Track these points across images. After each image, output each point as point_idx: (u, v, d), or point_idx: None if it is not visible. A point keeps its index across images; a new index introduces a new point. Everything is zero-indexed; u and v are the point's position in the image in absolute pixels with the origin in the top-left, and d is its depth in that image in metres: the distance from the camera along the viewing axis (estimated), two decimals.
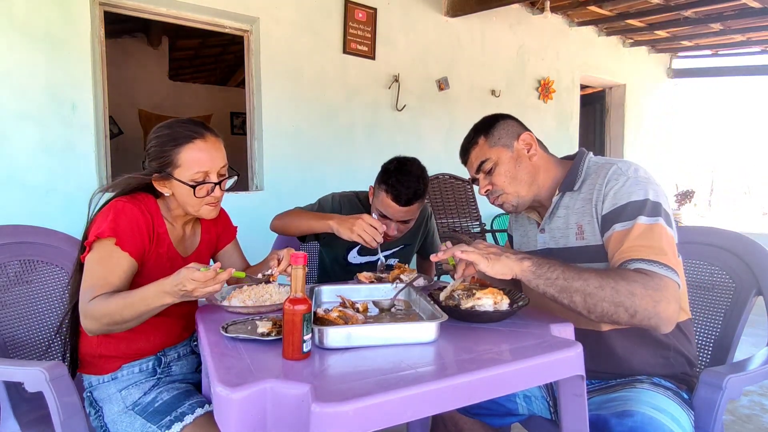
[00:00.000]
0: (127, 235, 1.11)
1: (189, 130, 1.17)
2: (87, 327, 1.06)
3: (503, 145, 1.25)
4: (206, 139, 1.18)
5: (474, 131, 1.31)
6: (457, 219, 4.00)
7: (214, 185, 1.19)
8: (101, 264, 1.08)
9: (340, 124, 3.65)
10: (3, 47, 2.43)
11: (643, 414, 0.94)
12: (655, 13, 4.69)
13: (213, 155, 1.18)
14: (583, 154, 1.25)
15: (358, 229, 1.43)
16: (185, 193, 1.17)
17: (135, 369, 1.17)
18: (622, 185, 1.09)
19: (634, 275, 0.96)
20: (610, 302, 0.94)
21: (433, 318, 0.96)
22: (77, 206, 2.62)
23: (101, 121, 2.78)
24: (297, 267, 0.85)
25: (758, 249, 1.30)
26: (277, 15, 3.29)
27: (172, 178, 1.16)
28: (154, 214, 1.20)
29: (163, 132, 1.18)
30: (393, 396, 0.69)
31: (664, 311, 0.94)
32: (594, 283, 0.95)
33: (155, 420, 1.05)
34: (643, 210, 1.04)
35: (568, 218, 1.20)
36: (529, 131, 1.28)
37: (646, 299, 0.93)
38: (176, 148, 1.15)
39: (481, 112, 1.36)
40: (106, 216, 1.11)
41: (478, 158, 1.28)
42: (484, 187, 1.28)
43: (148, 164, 1.19)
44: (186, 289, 0.96)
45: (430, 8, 4.08)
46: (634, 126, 6.10)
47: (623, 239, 1.04)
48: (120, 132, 5.78)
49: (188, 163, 1.15)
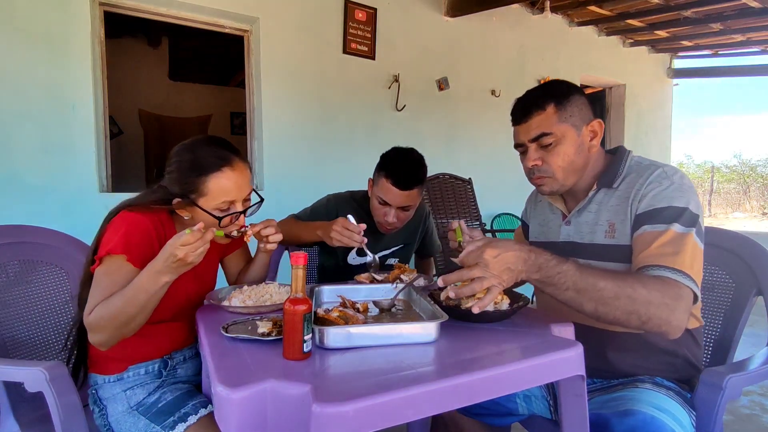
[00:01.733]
0: (138, 250, 1.07)
1: (216, 156, 1.11)
2: (97, 341, 1.04)
3: (572, 125, 1.13)
4: (234, 168, 1.12)
5: (543, 93, 1.15)
6: (457, 219, 4.00)
7: (239, 214, 1.14)
8: (109, 278, 1.04)
9: (340, 124, 3.65)
10: (3, 47, 2.43)
11: (645, 413, 0.93)
12: (655, 13, 4.69)
13: (241, 184, 1.13)
14: (624, 151, 1.20)
15: (334, 234, 1.43)
16: (209, 222, 1.11)
17: (141, 371, 1.17)
18: (664, 188, 1.06)
19: (653, 283, 0.94)
20: (624, 311, 0.92)
21: (434, 318, 0.96)
22: (77, 206, 2.62)
23: (101, 121, 2.78)
24: (297, 267, 0.85)
25: (758, 249, 1.29)
26: (277, 15, 3.29)
27: (196, 206, 1.11)
28: (167, 226, 1.16)
29: (187, 157, 1.12)
30: (393, 396, 0.69)
31: (676, 320, 0.93)
32: (609, 293, 0.92)
33: (159, 420, 1.05)
34: (680, 218, 1.02)
35: (600, 214, 1.17)
36: (599, 119, 1.16)
37: (662, 308, 0.92)
38: (202, 176, 1.09)
39: (481, 112, 1.35)
40: (117, 229, 1.07)
41: (540, 127, 1.13)
42: (533, 160, 1.16)
43: (168, 185, 1.13)
44: (179, 257, 0.94)
45: (430, 8, 4.08)
46: (634, 126, 6.10)
47: (652, 241, 1.01)
48: (120, 132, 5.78)
49: (215, 193, 1.10)
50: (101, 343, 1.05)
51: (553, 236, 1.29)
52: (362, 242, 1.43)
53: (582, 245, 1.20)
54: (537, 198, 1.42)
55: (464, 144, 4.37)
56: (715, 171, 15.39)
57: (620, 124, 6.01)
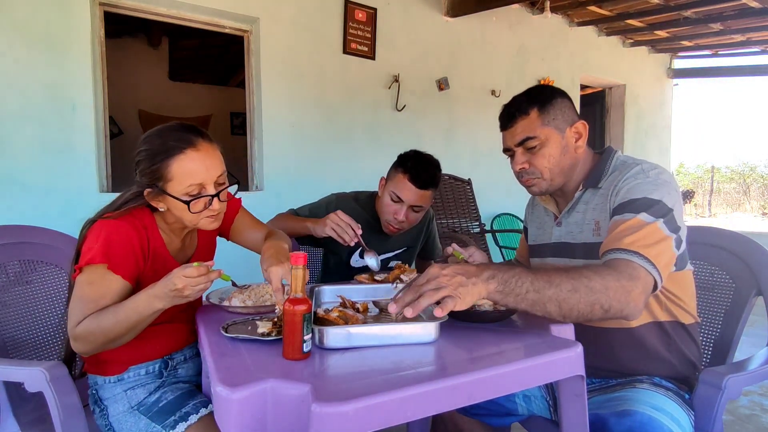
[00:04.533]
0: (119, 258, 1.03)
1: (178, 139, 1.06)
2: (79, 350, 1.01)
3: (555, 128, 1.16)
4: (198, 148, 1.07)
5: (527, 99, 1.18)
6: (457, 219, 4.00)
7: (212, 198, 1.09)
8: (92, 287, 1.01)
9: (340, 124, 3.65)
10: (3, 47, 2.43)
11: (642, 414, 0.93)
12: (655, 13, 4.70)
13: (207, 165, 1.07)
14: (611, 151, 1.21)
15: (331, 223, 1.45)
16: (180, 208, 1.07)
17: (141, 371, 1.16)
18: (639, 182, 1.06)
19: (606, 268, 0.93)
20: (585, 302, 0.89)
21: (434, 318, 0.96)
22: (77, 206, 2.62)
23: (101, 121, 2.78)
24: (297, 267, 0.85)
25: (758, 249, 1.29)
26: (277, 15, 3.29)
27: (165, 194, 1.06)
28: (149, 228, 1.12)
29: (152, 142, 1.08)
30: (393, 396, 0.69)
31: (633, 300, 0.91)
32: (566, 286, 0.89)
33: (160, 420, 1.05)
34: (650, 209, 1.01)
35: (586, 214, 1.18)
36: (583, 121, 1.20)
37: (620, 291, 0.90)
38: (166, 160, 1.05)
39: (481, 112, 1.35)
40: (96, 238, 1.03)
41: (525, 132, 1.17)
42: (520, 163, 1.19)
43: (139, 178, 1.09)
44: (177, 287, 0.91)
45: (430, 8, 4.08)
46: (634, 126, 6.10)
47: (614, 229, 1.01)
48: (120, 132, 5.78)
49: (180, 177, 1.05)
50: (83, 352, 1.03)
51: (547, 238, 1.30)
52: (353, 238, 1.44)
53: (573, 245, 1.21)
54: (534, 202, 1.44)
55: (464, 144, 4.37)
56: (715, 171, 15.39)
57: (620, 124, 6.01)
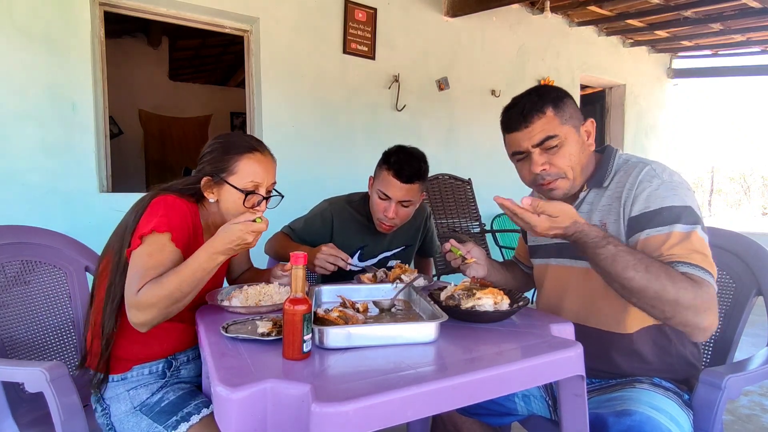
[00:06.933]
0: (180, 230, 1.12)
1: (251, 142, 1.25)
2: (142, 319, 1.02)
3: (573, 126, 1.14)
4: (265, 155, 1.25)
5: (539, 98, 1.14)
6: (457, 219, 4.00)
7: (262, 199, 1.23)
8: (153, 257, 1.05)
9: (340, 125, 3.65)
10: (3, 47, 2.43)
11: (642, 413, 0.94)
12: (655, 13, 4.69)
13: (268, 170, 1.24)
14: (612, 150, 1.21)
15: (318, 262, 1.49)
16: (233, 199, 1.20)
17: (145, 371, 1.17)
18: (656, 188, 1.06)
19: (683, 281, 0.95)
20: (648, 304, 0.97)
21: (434, 318, 0.96)
22: (77, 206, 2.62)
23: (101, 121, 2.78)
24: (297, 267, 0.85)
25: (758, 249, 1.29)
26: (277, 15, 3.29)
27: (225, 183, 1.19)
28: (195, 215, 1.22)
29: (225, 140, 1.25)
30: (393, 396, 0.69)
31: (704, 321, 0.96)
32: (637, 284, 0.96)
33: (162, 420, 1.05)
34: (681, 218, 1.02)
35: (592, 214, 1.17)
36: (591, 119, 1.20)
37: (690, 311, 0.95)
38: (237, 155, 1.20)
39: (482, 112, 1.35)
40: (157, 210, 1.10)
41: (545, 131, 1.12)
42: (540, 165, 1.14)
43: (202, 168, 1.23)
44: (247, 242, 1.05)
45: (430, 8, 4.08)
46: (634, 126, 6.09)
47: (660, 246, 1.01)
48: (120, 132, 5.78)
49: (244, 172, 1.20)
50: (145, 323, 1.03)
51: (548, 239, 1.29)
52: (346, 266, 1.50)
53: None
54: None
55: (464, 144, 4.37)
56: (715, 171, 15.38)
57: (620, 124, 6.00)
